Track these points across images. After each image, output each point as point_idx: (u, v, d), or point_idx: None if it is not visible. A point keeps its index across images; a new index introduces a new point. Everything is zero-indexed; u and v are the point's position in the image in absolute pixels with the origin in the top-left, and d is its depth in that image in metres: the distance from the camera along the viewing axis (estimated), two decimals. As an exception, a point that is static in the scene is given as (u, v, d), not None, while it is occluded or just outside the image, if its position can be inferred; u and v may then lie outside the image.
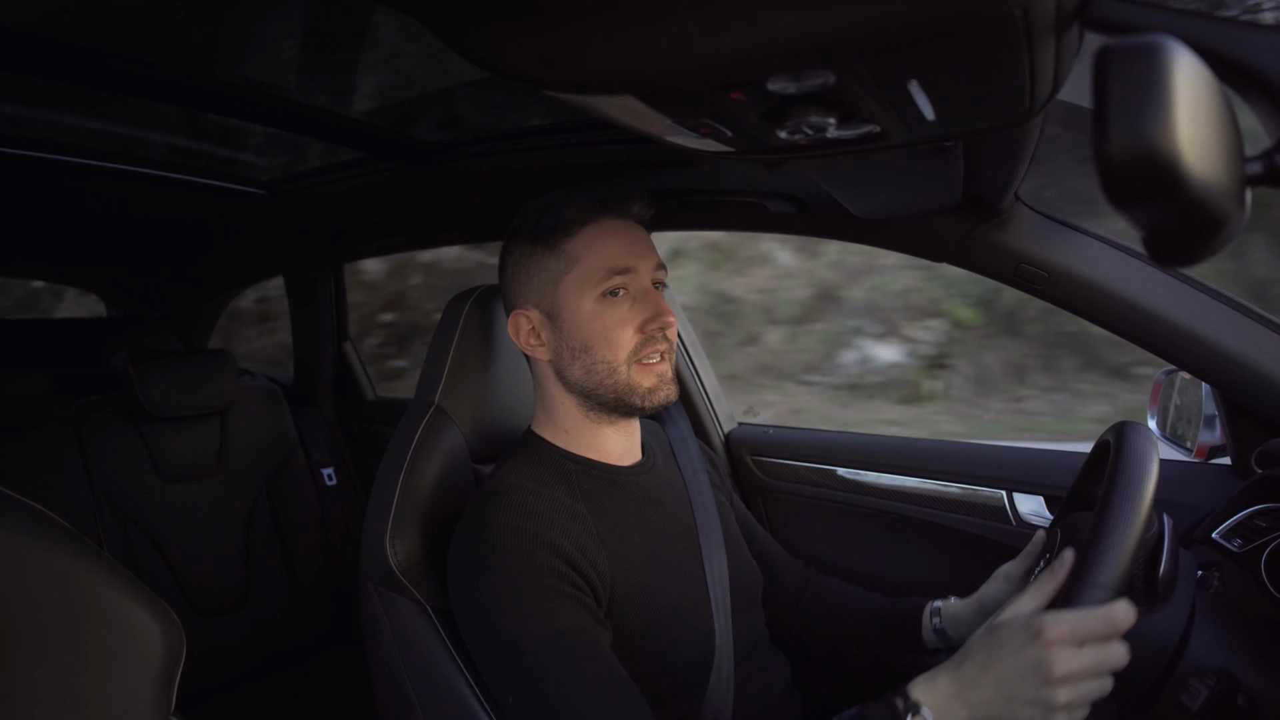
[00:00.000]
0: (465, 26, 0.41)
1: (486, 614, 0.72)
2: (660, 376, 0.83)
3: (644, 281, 0.82)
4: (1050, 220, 0.95)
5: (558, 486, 0.81)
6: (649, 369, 0.82)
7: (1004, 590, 0.88)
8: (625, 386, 0.81)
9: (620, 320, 0.81)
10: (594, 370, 0.81)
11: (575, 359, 0.82)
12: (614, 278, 0.80)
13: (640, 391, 0.82)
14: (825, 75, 0.41)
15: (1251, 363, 0.85)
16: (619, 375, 0.81)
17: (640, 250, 0.83)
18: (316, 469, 1.91)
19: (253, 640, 1.67)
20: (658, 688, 0.77)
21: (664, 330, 0.82)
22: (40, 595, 0.44)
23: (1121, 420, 0.74)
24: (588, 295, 0.80)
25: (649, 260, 0.83)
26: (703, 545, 0.89)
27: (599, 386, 0.82)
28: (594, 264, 0.80)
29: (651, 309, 0.81)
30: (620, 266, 0.80)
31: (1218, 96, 0.31)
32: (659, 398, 0.83)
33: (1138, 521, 0.60)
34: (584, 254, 0.81)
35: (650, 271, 0.83)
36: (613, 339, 0.80)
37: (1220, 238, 0.32)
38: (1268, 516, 0.84)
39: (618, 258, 0.80)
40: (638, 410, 0.83)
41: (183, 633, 0.50)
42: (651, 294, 0.83)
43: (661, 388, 0.83)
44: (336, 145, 1.25)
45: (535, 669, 0.69)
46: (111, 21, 0.84)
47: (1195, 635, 0.67)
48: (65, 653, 0.43)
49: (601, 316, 0.80)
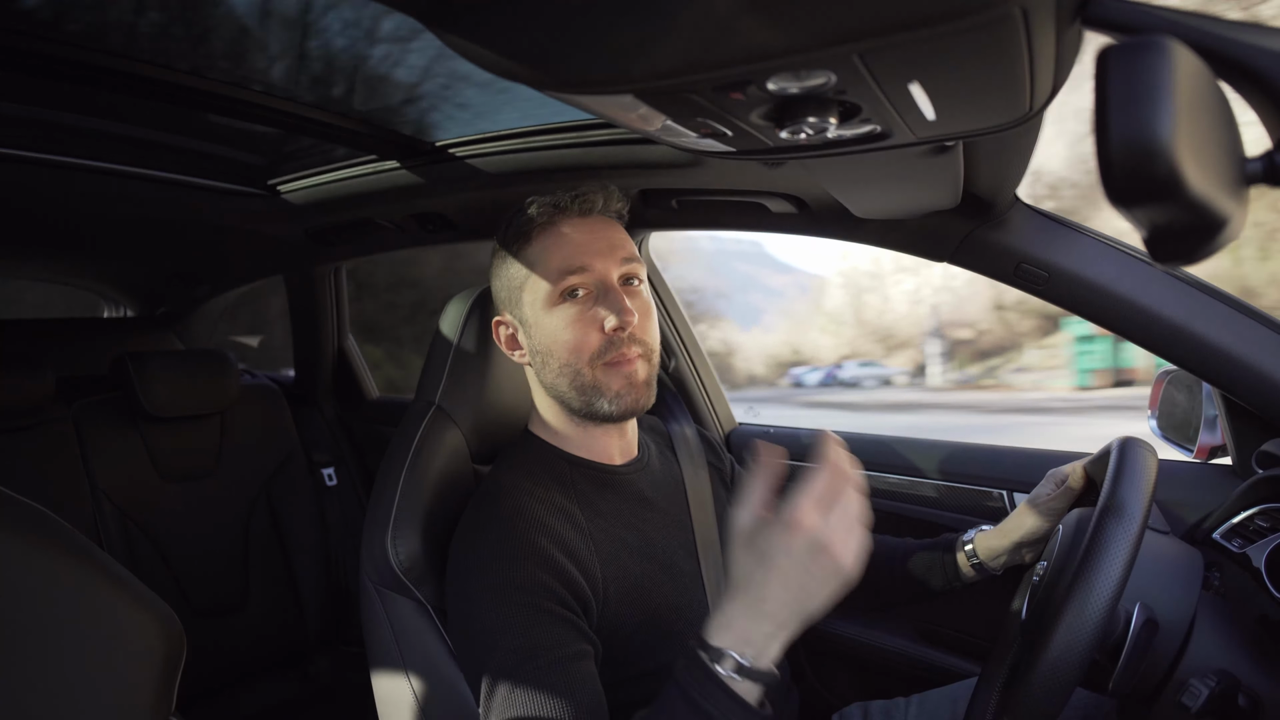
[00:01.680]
0: (464, 26, 0.41)
1: (470, 617, 0.73)
2: (628, 379, 0.79)
3: (606, 279, 0.80)
4: (1050, 220, 0.95)
5: (552, 486, 0.81)
6: (614, 370, 0.79)
7: (1032, 521, 0.89)
8: (591, 388, 0.79)
9: (577, 322, 0.79)
10: (562, 374, 0.80)
11: (546, 365, 0.82)
12: (568, 278, 0.78)
13: (608, 395, 0.79)
14: (826, 75, 0.41)
15: (1251, 363, 0.85)
16: (583, 378, 0.79)
17: (599, 248, 0.80)
18: (316, 469, 1.92)
19: (252, 640, 1.67)
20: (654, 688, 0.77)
21: (626, 330, 0.78)
22: (40, 595, 0.44)
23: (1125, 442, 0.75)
24: (546, 300, 0.79)
25: (611, 257, 0.80)
26: (699, 543, 0.89)
27: (568, 390, 0.81)
28: (548, 268, 0.79)
29: (612, 308, 0.78)
30: (574, 266, 0.78)
31: (1218, 96, 0.31)
32: (626, 403, 0.79)
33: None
34: (538, 259, 0.80)
35: (615, 267, 0.80)
36: (573, 343, 0.78)
37: (1220, 237, 0.32)
38: (1268, 516, 0.84)
39: (572, 258, 0.78)
40: (606, 416, 0.81)
41: (183, 633, 0.50)
42: (614, 292, 0.79)
43: (629, 391, 0.79)
44: (337, 145, 1.25)
45: (508, 679, 0.69)
46: (111, 21, 0.84)
47: (1196, 635, 0.67)
48: (65, 653, 0.43)
49: (561, 322, 0.79)
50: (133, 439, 1.62)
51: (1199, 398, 1.01)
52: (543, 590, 0.72)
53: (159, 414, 1.62)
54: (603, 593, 0.77)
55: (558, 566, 0.73)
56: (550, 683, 0.68)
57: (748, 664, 0.56)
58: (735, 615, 0.58)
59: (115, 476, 1.57)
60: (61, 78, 0.91)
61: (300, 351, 2.04)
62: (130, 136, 1.23)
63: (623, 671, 0.76)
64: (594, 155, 1.10)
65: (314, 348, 2.00)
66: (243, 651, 1.65)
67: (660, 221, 1.24)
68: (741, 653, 0.56)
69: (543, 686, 0.68)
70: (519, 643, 0.69)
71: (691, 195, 1.14)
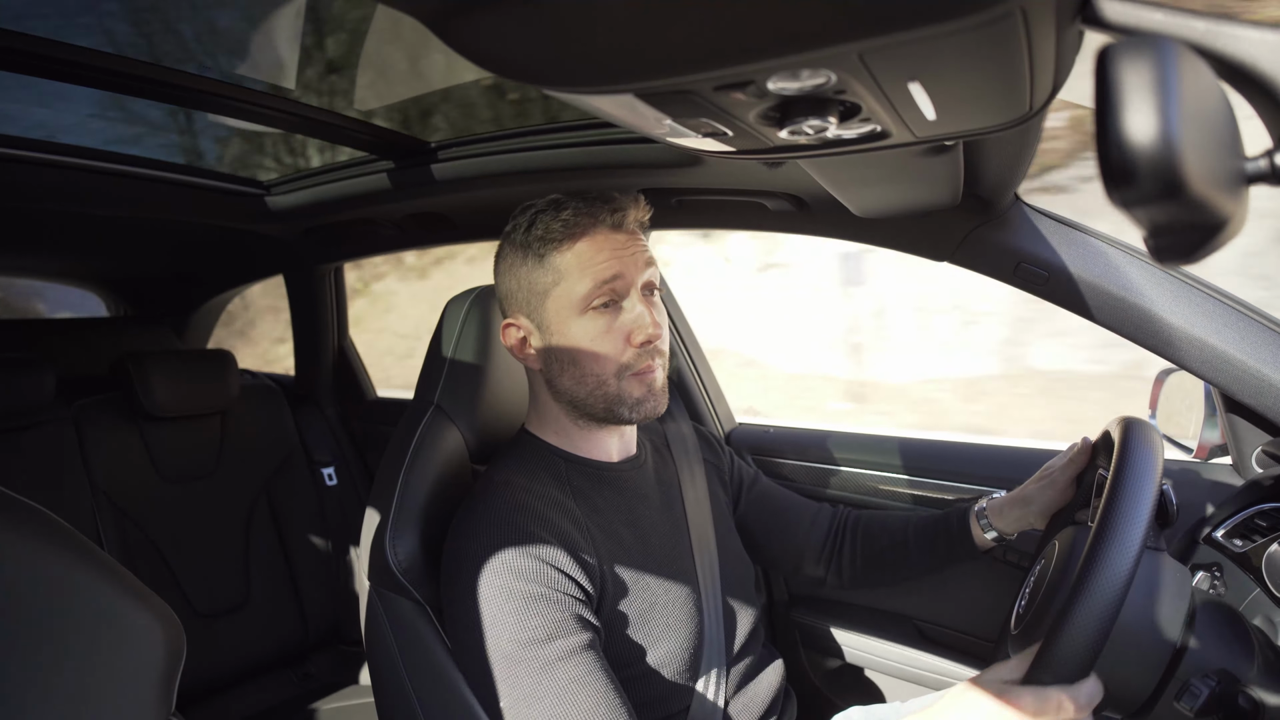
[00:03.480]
0: (464, 25, 0.41)
1: (471, 611, 0.73)
2: (649, 387, 0.82)
3: (634, 291, 0.81)
4: (1050, 220, 0.95)
5: (549, 482, 0.82)
6: (639, 379, 0.81)
7: (1045, 489, 0.91)
8: (614, 398, 0.81)
9: (608, 334, 0.80)
10: (583, 382, 0.81)
11: (564, 371, 0.81)
12: (602, 288, 0.79)
13: (629, 402, 0.81)
14: (826, 75, 0.41)
15: (1251, 363, 0.85)
16: (608, 388, 0.80)
17: (630, 259, 0.81)
18: (316, 469, 1.91)
19: (253, 640, 1.67)
20: (649, 688, 0.77)
21: (654, 345, 0.81)
22: (39, 595, 0.44)
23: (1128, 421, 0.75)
24: (575, 310, 0.79)
25: (640, 268, 0.81)
26: (694, 541, 0.89)
27: (588, 398, 0.81)
28: (582, 278, 0.79)
29: (641, 321, 0.80)
30: (609, 276, 0.79)
31: (1218, 96, 0.31)
32: (647, 409, 0.82)
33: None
34: (572, 269, 0.79)
35: (641, 278, 0.81)
36: (602, 353, 0.79)
37: (1221, 236, 0.32)
38: (1268, 516, 0.84)
39: (606, 270, 0.79)
40: (625, 421, 0.83)
41: (183, 633, 0.50)
42: (642, 304, 0.81)
43: (649, 399, 0.82)
44: (336, 145, 1.25)
45: (518, 670, 0.69)
46: (112, 21, 0.84)
47: (1195, 635, 0.67)
48: (65, 653, 0.43)
49: (590, 331, 0.79)
50: (133, 439, 1.62)
51: (1199, 398, 1.01)
52: (545, 578, 0.72)
53: (159, 414, 1.62)
54: (600, 586, 0.77)
55: (557, 557, 0.73)
56: (570, 672, 0.68)
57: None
58: None
59: (115, 476, 1.56)
60: (62, 78, 0.91)
61: (300, 351, 2.04)
62: (131, 136, 1.23)
63: (621, 671, 0.75)
64: (594, 155, 1.10)
65: (314, 348, 2.00)
66: (243, 651, 1.65)
67: (660, 221, 1.24)
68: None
69: (556, 677, 0.68)
70: (526, 635, 0.69)
71: (691, 195, 1.14)
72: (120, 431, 1.61)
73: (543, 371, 0.85)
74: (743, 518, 1.07)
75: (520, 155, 1.15)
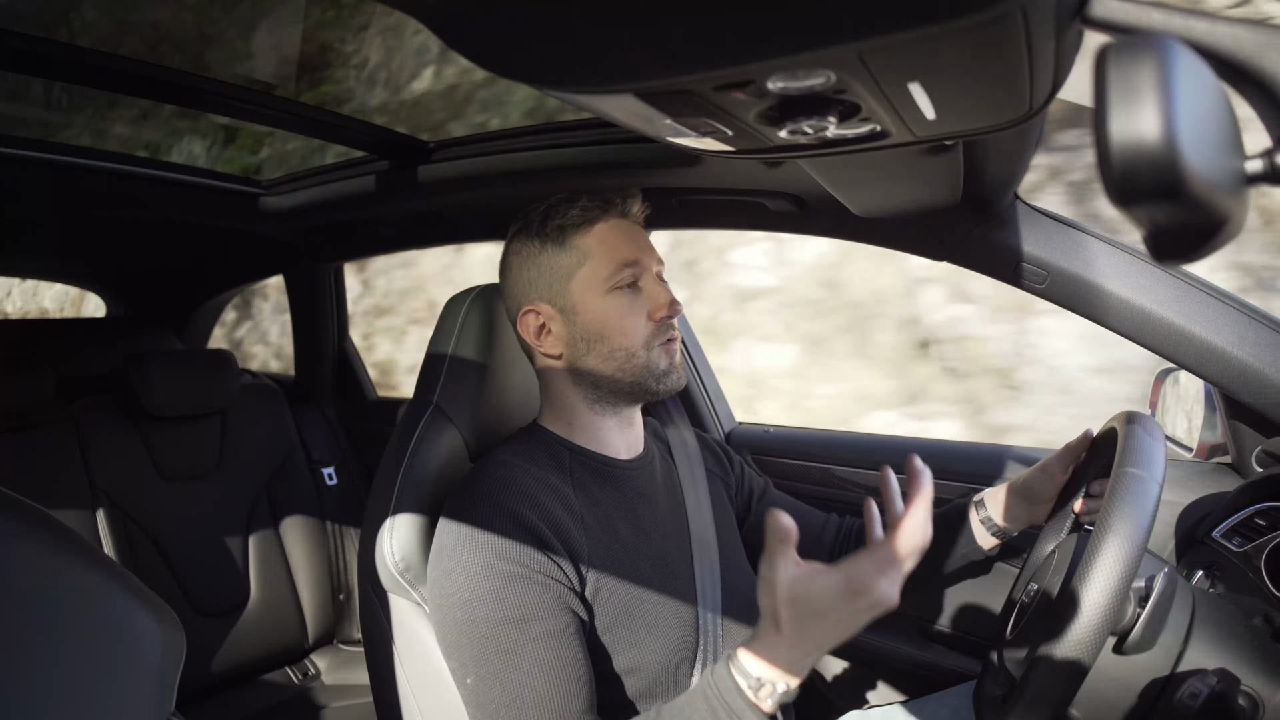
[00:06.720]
0: (464, 25, 0.41)
1: (451, 591, 0.73)
2: (672, 357, 0.87)
3: (651, 273, 0.87)
4: (1050, 220, 0.95)
5: (550, 468, 0.83)
6: (665, 349, 0.86)
7: (1041, 480, 0.91)
8: (643, 369, 0.84)
9: (634, 309, 0.84)
10: (612, 357, 0.84)
11: (591, 349, 0.84)
12: (626, 269, 0.84)
13: (657, 373, 0.85)
14: (826, 75, 0.41)
15: (1251, 362, 0.85)
16: (637, 359, 0.84)
17: (644, 245, 0.88)
18: (316, 469, 1.92)
19: (253, 640, 1.67)
20: (633, 686, 0.78)
21: (674, 317, 0.87)
22: (39, 595, 0.44)
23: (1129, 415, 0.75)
24: (602, 288, 0.84)
25: (652, 254, 0.88)
26: (694, 547, 0.89)
27: (617, 372, 0.84)
28: (607, 258, 0.84)
29: (662, 297, 0.86)
30: (631, 258, 0.85)
31: (1218, 95, 0.31)
32: (672, 380, 0.86)
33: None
34: (596, 249, 0.84)
35: (654, 264, 0.87)
36: (628, 328, 0.84)
37: (1221, 235, 0.32)
38: (1268, 516, 0.84)
39: (627, 252, 0.85)
40: (652, 394, 0.86)
41: (183, 633, 0.50)
42: (659, 284, 0.87)
43: (674, 371, 0.86)
44: (336, 145, 1.25)
45: (492, 651, 0.70)
46: (112, 22, 0.84)
47: (1196, 635, 0.67)
48: (65, 653, 0.43)
49: (617, 307, 0.84)
50: (133, 439, 1.62)
51: (1199, 398, 1.01)
52: (526, 559, 0.72)
53: (159, 414, 1.62)
54: (587, 575, 0.77)
55: (543, 538, 0.74)
56: (537, 656, 0.69)
57: (782, 689, 0.64)
58: (778, 649, 0.64)
59: (115, 476, 1.56)
60: (61, 79, 0.91)
61: (300, 351, 2.04)
62: (131, 135, 1.23)
63: (600, 665, 0.76)
64: (594, 155, 1.10)
65: (314, 348, 2.00)
66: (243, 651, 1.65)
67: (660, 220, 1.24)
68: (784, 682, 0.64)
69: (522, 659, 0.69)
70: (505, 613, 0.70)
71: (691, 194, 1.14)
72: (120, 431, 1.61)
73: (564, 357, 0.86)
74: (753, 528, 1.07)
75: (519, 155, 1.15)
